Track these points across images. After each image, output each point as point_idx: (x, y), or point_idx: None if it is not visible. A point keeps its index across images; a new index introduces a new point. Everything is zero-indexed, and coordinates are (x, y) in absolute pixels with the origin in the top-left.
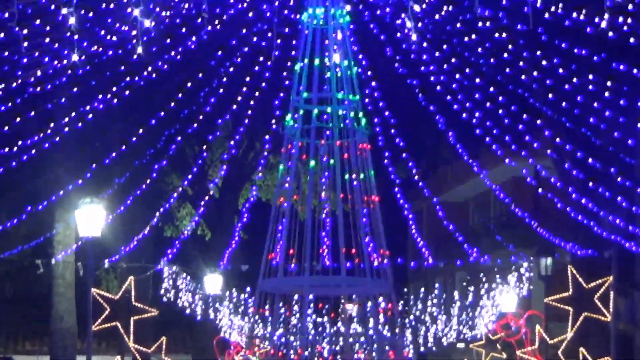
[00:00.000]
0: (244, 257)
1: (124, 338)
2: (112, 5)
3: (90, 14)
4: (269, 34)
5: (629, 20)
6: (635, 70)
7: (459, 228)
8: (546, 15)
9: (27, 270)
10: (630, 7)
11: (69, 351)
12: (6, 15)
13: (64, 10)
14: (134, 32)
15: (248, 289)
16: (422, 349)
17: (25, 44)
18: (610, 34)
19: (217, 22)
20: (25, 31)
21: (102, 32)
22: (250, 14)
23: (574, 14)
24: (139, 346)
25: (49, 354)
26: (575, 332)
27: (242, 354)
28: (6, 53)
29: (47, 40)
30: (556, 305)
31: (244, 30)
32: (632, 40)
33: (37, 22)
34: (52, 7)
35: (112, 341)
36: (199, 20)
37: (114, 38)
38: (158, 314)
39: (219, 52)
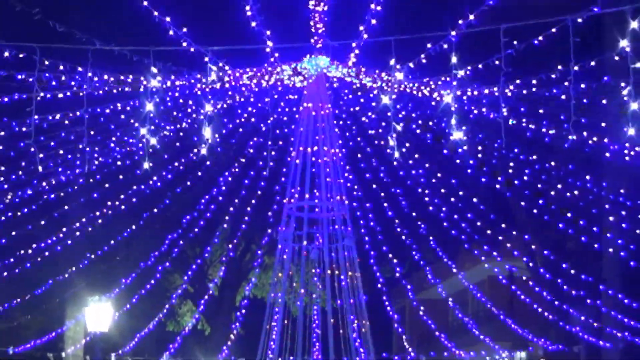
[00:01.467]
0: (240, 351)
1: None
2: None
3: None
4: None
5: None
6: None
7: (439, 323)
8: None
9: None
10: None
11: None
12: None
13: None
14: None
15: None
16: None
17: (41, 155)
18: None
19: (216, 136)
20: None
21: (112, 145)
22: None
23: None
24: None
25: None
26: None
27: None
28: (23, 164)
29: (61, 152)
30: None
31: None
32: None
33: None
34: (66, 122)
35: None
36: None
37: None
38: None
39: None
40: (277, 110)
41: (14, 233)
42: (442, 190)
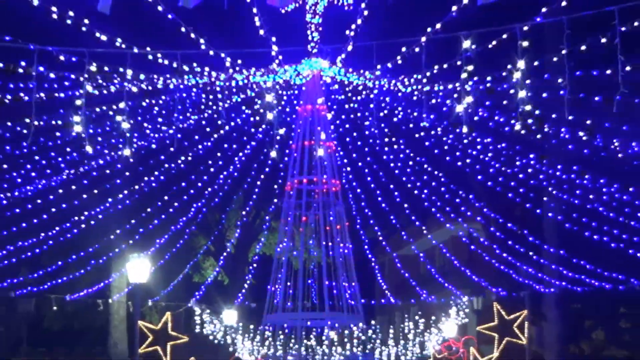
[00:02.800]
0: (252, 297)
1: (163, 358)
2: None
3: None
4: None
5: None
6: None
7: (412, 275)
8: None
9: (91, 309)
10: None
11: None
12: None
13: (119, 118)
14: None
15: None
16: None
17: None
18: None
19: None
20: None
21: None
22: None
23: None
24: None
25: None
26: (499, 353)
27: None
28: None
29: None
30: (485, 332)
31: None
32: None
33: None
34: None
35: None
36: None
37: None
38: (188, 340)
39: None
40: (282, 102)
41: (76, 202)
42: (416, 168)
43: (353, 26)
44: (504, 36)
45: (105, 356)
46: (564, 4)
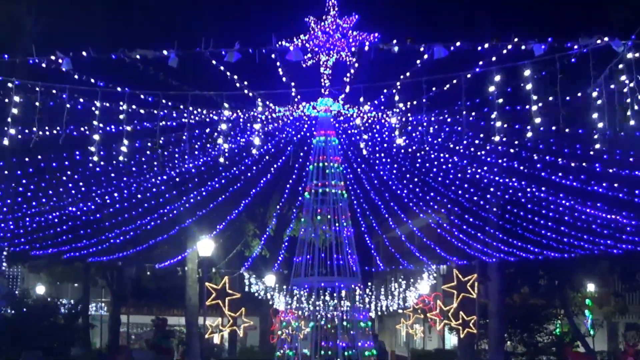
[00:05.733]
0: (285, 265)
1: (222, 308)
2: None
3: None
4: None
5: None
6: None
7: (397, 251)
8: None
9: (173, 274)
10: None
11: (195, 316)
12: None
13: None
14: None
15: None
16: (379, 313)
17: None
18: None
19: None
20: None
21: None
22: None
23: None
24: (230, 312)
25: (184, 316)
26: (457, 304)
27: (284, 318)
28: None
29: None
30: (448, 290)
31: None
32: None
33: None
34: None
35: (216, 310)
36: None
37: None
38: (240, 296)
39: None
40: (302, 131)
41: (161, 200)
42: (399, 175)
43: (348, 74)
44: (454, 81)
45: (182, 306)
46: (493, 58)
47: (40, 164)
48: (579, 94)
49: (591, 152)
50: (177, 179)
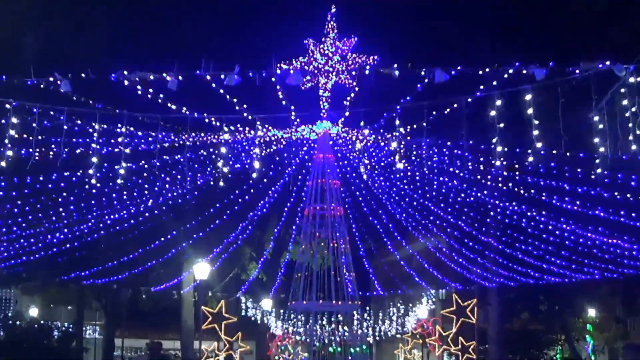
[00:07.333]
0: (282, 290)
1: (218, 332)
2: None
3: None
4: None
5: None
6: None
7: (395, 274)
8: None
9: (169, 296)
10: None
11: (190, 339)
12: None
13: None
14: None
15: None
16: (377, 338)
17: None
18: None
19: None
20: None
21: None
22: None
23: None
24: (227, 337)
25: (180, 340)
26: (457, 329)
27: (281, 343)
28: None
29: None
30: (447, 315)
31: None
32: None
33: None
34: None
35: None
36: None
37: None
38: (237, 320)
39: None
40: (300, 153)
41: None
42: (397, 199)
43: (348, 98)
44: (454, 105)
45: (177, 330)
46: (494, 83)
47: (36, 185)
48: (581, 118)
49: (592, 176)
50: (177, 201)
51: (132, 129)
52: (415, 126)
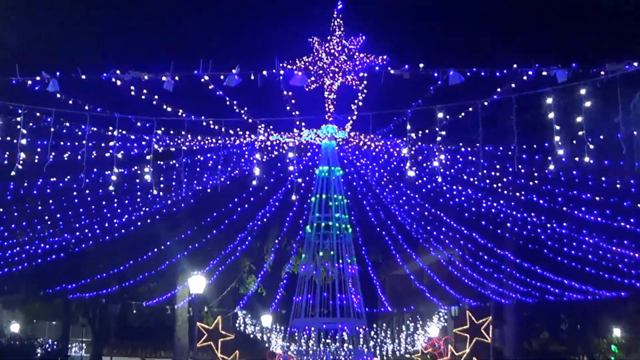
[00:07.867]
0: (283, 305)
1: (214, 350)
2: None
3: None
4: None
5: None
6: None
7: (405, 290)
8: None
9: (161, 312)
10: None
11: (184, 357)
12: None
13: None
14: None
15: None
16: (385, 357)
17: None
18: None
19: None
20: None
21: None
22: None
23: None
24: (223, 355)
25: (172, 358)
26: (470, 349)
27: None
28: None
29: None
30: (460, 334)
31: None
32: None
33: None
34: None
35: (208, 352)
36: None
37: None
38: (234, 337)
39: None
40: (304, 158)
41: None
42: (407, 208)
43: (356, 101)
44: (470, 109)
45: (170, 348)
46: (513, 85)
47: (20, 191)
48: (605, 123)
49: (618, 185)
50: (171, 209)
51: (124, 132)
52: (427, 131)
